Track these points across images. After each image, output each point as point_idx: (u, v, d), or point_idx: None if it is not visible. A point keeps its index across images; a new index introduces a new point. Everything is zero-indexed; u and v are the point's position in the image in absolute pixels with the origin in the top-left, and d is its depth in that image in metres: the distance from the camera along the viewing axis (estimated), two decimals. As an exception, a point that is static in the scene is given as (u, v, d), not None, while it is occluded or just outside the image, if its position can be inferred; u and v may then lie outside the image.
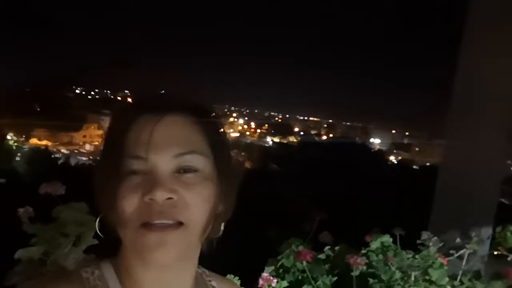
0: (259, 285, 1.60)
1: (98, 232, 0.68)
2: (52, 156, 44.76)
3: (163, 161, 0.63)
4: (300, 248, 2.13)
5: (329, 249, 2.35)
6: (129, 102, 0.71)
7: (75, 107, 63.52)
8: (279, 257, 2.11)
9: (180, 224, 0.63)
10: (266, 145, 72.45)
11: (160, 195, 0.61)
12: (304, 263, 1.86)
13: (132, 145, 0.64)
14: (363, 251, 2.23)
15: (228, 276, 2.06)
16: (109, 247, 0.70)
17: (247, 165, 52.19)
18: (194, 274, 0.70)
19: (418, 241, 2.31)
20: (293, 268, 2.05)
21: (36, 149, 45.18)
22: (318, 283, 1.93)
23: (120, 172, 0.63)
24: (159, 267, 0.64)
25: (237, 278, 2.04)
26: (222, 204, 0.69)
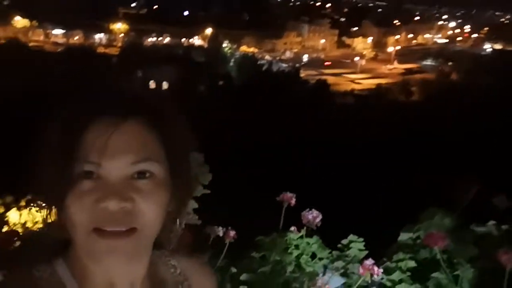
0: (360, 272, 1.36)
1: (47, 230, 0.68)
2: (258, 62, 49.38)
3: (119, 168, 0.62)
4: (446, 221, 1.74)
5: (495, 224, 1.85)
6: (86, 101, 0.66)
7: (277, 15, 66.35)
8: (417, 226, 1.78)
9: (133, 229, 0.62)
10: (483, 53, 60.96)
11: (114, 204, 0.61)
12: (437, 248, 1.50)
13: (87, 149, 0.62)
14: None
15: (351, 236, 1.89)
16: (59, 244, 0.69)
17: (454, 77, 45.45)
18: (147, 262, 0.71)
19: None
20: (433, 243, 1.71)
21: (246, 56, 50.55)
22: (457, 272, 1.56)
23: (73, 175, 0.61)
24: (117, 269, 0.66)
25: (361, 239, 1.85)
26: (175, 205, 0.68)
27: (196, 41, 54.74)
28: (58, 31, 53.20)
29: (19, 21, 50.64)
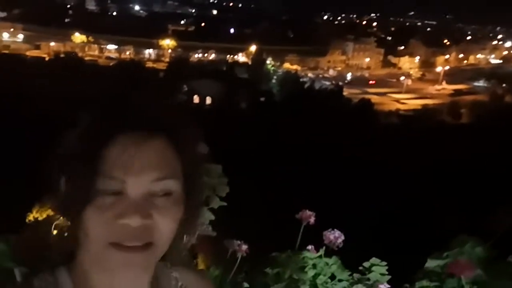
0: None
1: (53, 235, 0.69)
2: (300, 79, 49.42)
3: (141, 185, 0.63)
4: (478, 250, 1.61)
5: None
6: (113, 114, 0.65)
7: (322, 33, 66.37)
8: (446, 254, 1.67)
9: (149, 244, 0.63)
10: (541, 75, 57.27)
11: (136, 221, 0.62)
12: (463, 278, 1.39)
13: (110, 164, 0.62)
14: None
15: (373, 259, 1.80)
16: (64, 252, 0.69)
17: (509, 99, 42.88)
18: (152, 272, 0.72)
19: None
20: (463, 272, 1.59)
21: (288, 73, 50.81)
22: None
23: (95, 189, 0.61)
24: (124, 280, 0.67)
25: (384, 263, 1.76)
26: (186, 221, 0.69)
27: (241, 58, 55.78)
28: (111, 47, 56.25)
29: (78, 37, 54.17)
